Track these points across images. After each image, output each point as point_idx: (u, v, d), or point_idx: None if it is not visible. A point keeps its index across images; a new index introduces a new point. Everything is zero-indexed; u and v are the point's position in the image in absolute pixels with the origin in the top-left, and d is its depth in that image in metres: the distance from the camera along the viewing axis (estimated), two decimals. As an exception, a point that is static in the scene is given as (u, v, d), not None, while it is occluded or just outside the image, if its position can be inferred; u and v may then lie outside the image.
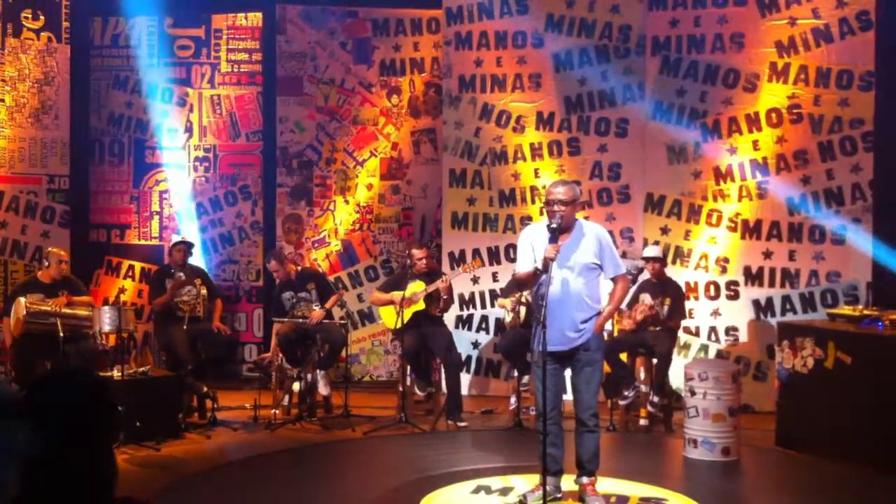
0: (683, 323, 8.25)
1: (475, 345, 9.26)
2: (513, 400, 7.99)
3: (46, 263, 8.27)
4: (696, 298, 8.67)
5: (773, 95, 8.56)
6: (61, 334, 7.55)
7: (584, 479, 5.60)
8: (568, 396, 5.77)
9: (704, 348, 8.68)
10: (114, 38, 10.21)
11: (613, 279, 5.63)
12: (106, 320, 7.48)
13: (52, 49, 9.64)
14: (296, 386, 8.21)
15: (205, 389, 8.09)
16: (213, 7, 10.18)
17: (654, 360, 7.77)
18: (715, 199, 8.73)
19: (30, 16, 9.53)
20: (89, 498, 2.14)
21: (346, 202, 10.06)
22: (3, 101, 9.35)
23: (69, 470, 2.10)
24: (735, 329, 8.63)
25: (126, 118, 10.18)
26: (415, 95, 9.97)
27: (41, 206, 9.55)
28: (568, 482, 5.72)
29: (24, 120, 9.48)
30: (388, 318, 8.19)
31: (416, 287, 8.04)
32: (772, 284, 8.56)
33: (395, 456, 7.18)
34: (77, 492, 2.11)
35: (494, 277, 9.18)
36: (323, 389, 8.25)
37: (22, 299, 7.77)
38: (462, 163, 9.33)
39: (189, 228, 9.94)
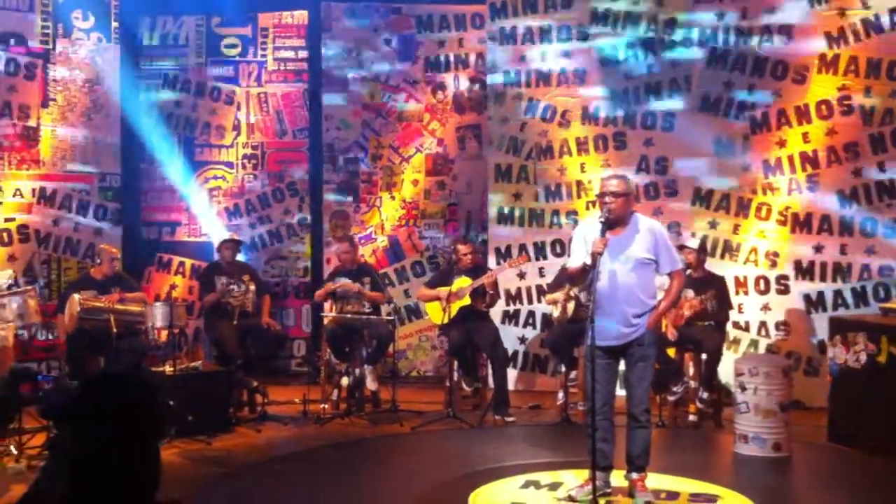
0: (733, 317, 8.17)
1: (522, 340, 9.25)
2: (560, 395, 7.97)
3: (98, 261, 8.42)
4: (746, 293, 8.58)
5: (822, 87, 8.43)
6: (114, 330, 7.68)
7: (634, 475, 5.58)
8: (620, 392, 5.75)
9: (754, 343, 8.58)
10: (162, 38, 10.35)
11: (669, 274, 5.60)
12: (158, 316, 7.60)
13: (102, 49, 9.80)
14: (344, 381, 8.28)
15: (255, 384, 8.19)
16: (259, 6, 10.28)
17: (703, 356, 7.70)
18: (764, 193, 8.63)
19: (80, 16, 9.68)
20: (136, 495, 2.18)
21: (392, 198, 10.10)
22: (55, 100, 9.51)
23: (117, 467, 2.14)
24: (785, 324, 8.53)
25: (175, 116, 10.31)
26: (459, 91, 9.98)
27: (93, 203, 9.71)
28: (618, 477, 5.70)
29: (75, 119, 9.64)
30: (435, 313, 8.22)
31: (462, 282, 8.07)
32: (823, 279, 8.45)
33: (442, 450, 7.21)
34: (124, 489, 2.15)
35: (541, 272, 9.16)
36: (371, 384, 8.29)
37: (76, 296, 7.90)
38: (507, 158, 9.33)
39: (237, 225, 10.07)
